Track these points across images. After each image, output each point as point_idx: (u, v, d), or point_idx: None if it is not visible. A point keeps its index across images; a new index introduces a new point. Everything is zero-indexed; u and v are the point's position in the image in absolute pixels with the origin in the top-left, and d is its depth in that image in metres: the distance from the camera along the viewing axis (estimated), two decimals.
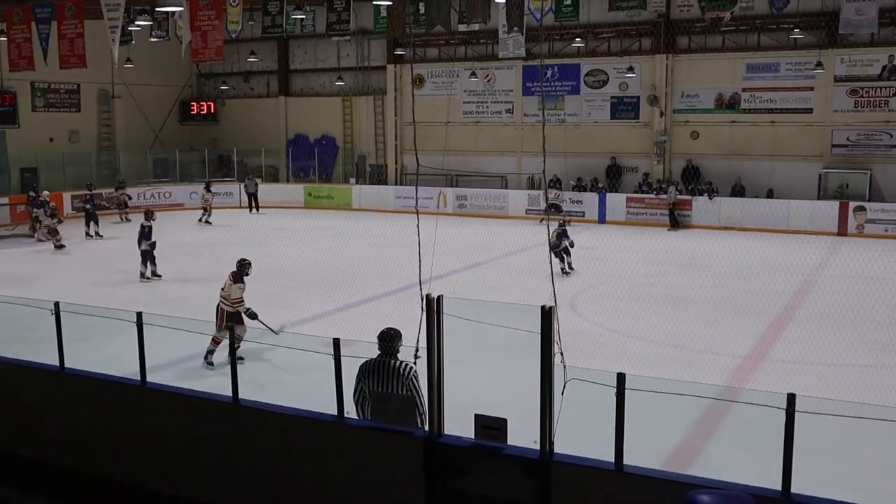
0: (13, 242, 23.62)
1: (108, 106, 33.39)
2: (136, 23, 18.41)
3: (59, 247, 21.96)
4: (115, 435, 7.96)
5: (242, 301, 11.47)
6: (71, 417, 8.29)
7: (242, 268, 11.72)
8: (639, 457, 5.65)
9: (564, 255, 17.71)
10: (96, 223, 24.31)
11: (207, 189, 27.88)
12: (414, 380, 6.50)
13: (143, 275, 17.88)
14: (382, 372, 6.61)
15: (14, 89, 29.43)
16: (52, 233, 22.21)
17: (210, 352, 10.61)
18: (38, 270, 19.28)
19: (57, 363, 8.26)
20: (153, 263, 17.89)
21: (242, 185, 31.38)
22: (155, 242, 17.62)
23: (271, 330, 10.87)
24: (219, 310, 11.39)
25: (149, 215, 18.17)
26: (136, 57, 28.32)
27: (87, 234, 24.22)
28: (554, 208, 24.73)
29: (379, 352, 6.72)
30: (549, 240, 7.05)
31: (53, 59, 14.59)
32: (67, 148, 31.47)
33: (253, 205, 30.33)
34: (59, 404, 8.40)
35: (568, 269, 17.82)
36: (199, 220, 27.22)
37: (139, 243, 17.89)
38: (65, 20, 14.51)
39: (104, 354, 9.30)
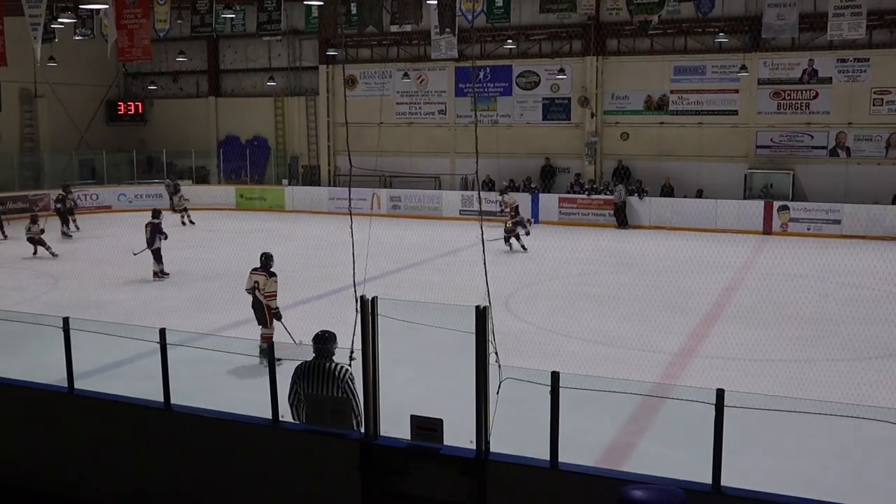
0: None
1: (30, 105, 32.46)
2: (60, 20, 17.96)
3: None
4: (42, 444, 7.74)
5: (275, 296, 11.61)
6: None
7: (269, 261, 11.87)
8: (574, 454, 5.72)
9: (519, 238, 19.85)
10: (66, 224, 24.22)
11: (176, 191, 27.42)
12: (350, 382, 6.48)
13: (156, 274, 17.90)
14: (318, 374, 6.56)
15: None
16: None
17: (262, 349, 10.42)
18: None
19: None
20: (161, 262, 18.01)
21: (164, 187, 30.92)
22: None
23: (291, 338, 10.84)
24: (255, 303, 11.52)
25: (156, 214, 18.32)
26: (59, 55, 27.59)
27: (64, 233, 24.09)
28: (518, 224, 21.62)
29: (314, 354, 6.67)
30: (505, 225, 7.03)
31: None
32: None
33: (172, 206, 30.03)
34: None
35: (524, 247, 19.90)
36: (183, 223, 26.34)
37: (151, 242, 17.81)
38: None
39: (29, 362, 9.05)
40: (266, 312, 11.55)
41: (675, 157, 26.87)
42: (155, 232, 17.93)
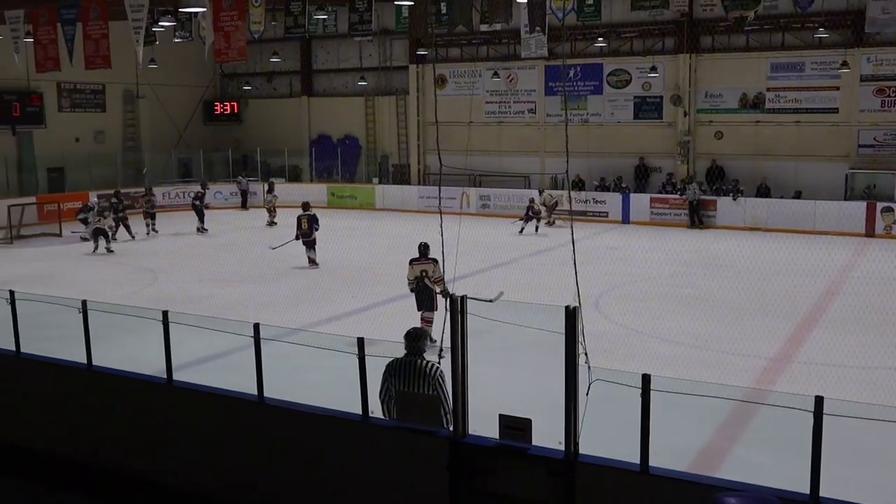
0: (42, 241, 23.84)
1: (132, 106, 33.66)
2: (160, 23, 18.49)
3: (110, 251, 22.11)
4: (142, 432, 8.02)
5: (443, 280, 12.04)
6: (98, 415, 8.37)
7: (427, 249, 12.44)
8: (664, 458, 5.62)
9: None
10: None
11: (270, 190, 27.57)
12: (440, 379, 6.48)
13: (312, 261, 19.25)
14: (409, 371, 6.60)
15: (41, 90, 29.79)
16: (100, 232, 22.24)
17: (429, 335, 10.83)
18: (65, 269, 19.46)
19: (84, 360, 8.34)
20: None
21: (236, 183, 31.77)
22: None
23: (486, 300, 11.11)
24: (422, 290, 12.15)
25: (308, 206, 19.96)
26: (160, 57, 28.52)
27: (199, 228, 25.17)
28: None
29: (405, 351, 6.71)
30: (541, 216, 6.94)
31: (79, 59, 14.68)
32: (93, 148, 31.75)
33: (245, 203, 30.85)
34: (87, 402, 8.48)
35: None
36: (268, 223, 26.64)
37: (310, 233, 19.28)
38: (90, 21, 14.61)
39: (130, 352, 9.37)
40: (434, 296, 12.14)
41: (772, 157, 26.12)
42: (312, 222, 19.29)
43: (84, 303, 8.35)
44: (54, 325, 9.19)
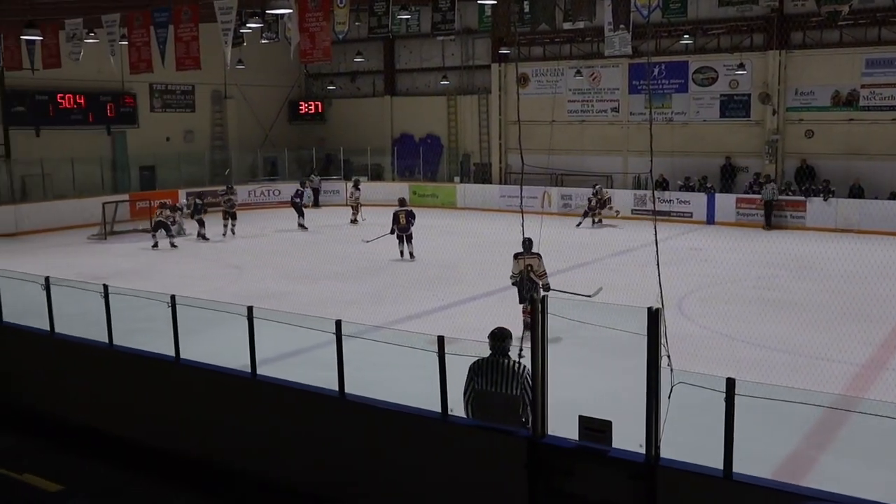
0: (133, 237, 24.59)
1: (220, 106, 34.48)
2: (248, 25, 18.90)
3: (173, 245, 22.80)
4: (225, 424, 8.21)
5: (546, 274, 12.61)
6: (184, 407, 8.60)
7: (531, 244, 12.48)
8: (748, 465, 5.49)
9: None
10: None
11: (356, 187, 27.87)
12: (528, 379, 6.44)
13: (411, 254, 19.97)
14: (496, 371, 6.55)
15: (134, 91, 30.77)
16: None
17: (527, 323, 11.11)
18: (154, 264, 20.06)
19: (172, 354, 8.58)
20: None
21: (308, 181, 31.88)
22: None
23: (583, 295, 11.89)
24: (526, 284, 12.33)
25: (404, 202, 21.12)
26: (247, 58, 29.13)
27: (301, 224, 25.78)
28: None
29: (490, 351, 6.68)
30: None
31: (170, 61, 15.09)
32: (183, 147, 32.65)
33: (313, 201, 31.10)
34: (174, 393, 8.73)
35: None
36: (352, 220, 27.00)
37: (407, 227, 20.01)
38: (181, 24, 15.00)
39: (216, 346, 9.60)
40: (537, 290, 12.33)
41: (866, 157, 25.24)
42: (410, 217, 20.02)
43: (173, 297, 8.59)
44: (144, 319, 9.48)
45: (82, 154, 28.75)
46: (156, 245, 22.44)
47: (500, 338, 6.65)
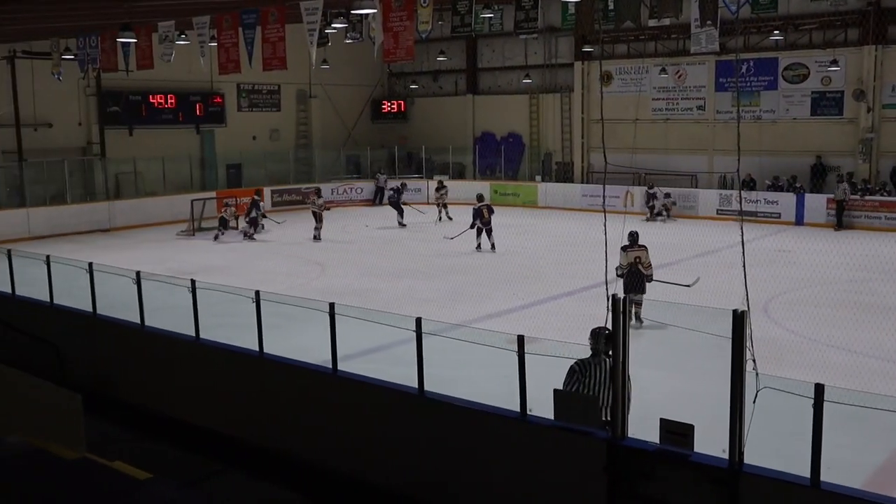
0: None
1: (305, 105, 35.05)
2: (333, 25, 19.12)
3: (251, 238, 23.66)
4: (306, 418, 8.34)
5: (651, 265, 13.47)
6: (267, 400, 8.78)
7: (638, 236, 13.63)
8: (836, 474, 5.33)
9: None
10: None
11: (439, 188, 27.90)
12: (629, 381, 6.34)
13: (493, 246, 20.69)
14: (601, 372, 6.47)
15: (222, 91, 31.53)
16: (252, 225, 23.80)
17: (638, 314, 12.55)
18: (239, 260, 20.51)
19: (256, 348, 8.76)
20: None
21: (374, 181, 32.13)
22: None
23: (684, 284, 13.08)
24: (634, 275, 13.23)
25: (481, 197, 21.75)
26: (331, 58, 29.51)
27: (400, 223, 26.00)
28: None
29: (591, 352, 6.59)
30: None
31: (257, 61, 15.39)
32: (268, 145, 33.31)
33: (377, 199, 31.24)
34: (258, 387, 8.91)
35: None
36: (438, 219, 26.91)
37: (489, 221, 20.73)
38: (268, 25, 15.26)
39: (298, 342, 9.76)
40: (643, 280, 13.27)
41: None
42: (491, 212, 20.78)
43: (257, 293, 8.77)
44: (229, 314, 9.70)
45: (172, 152, 29.62)
46: (217, 237, 23.77)
47: (604, 337, 6.49)
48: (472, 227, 20.76)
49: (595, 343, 6.56)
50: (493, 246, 20.59)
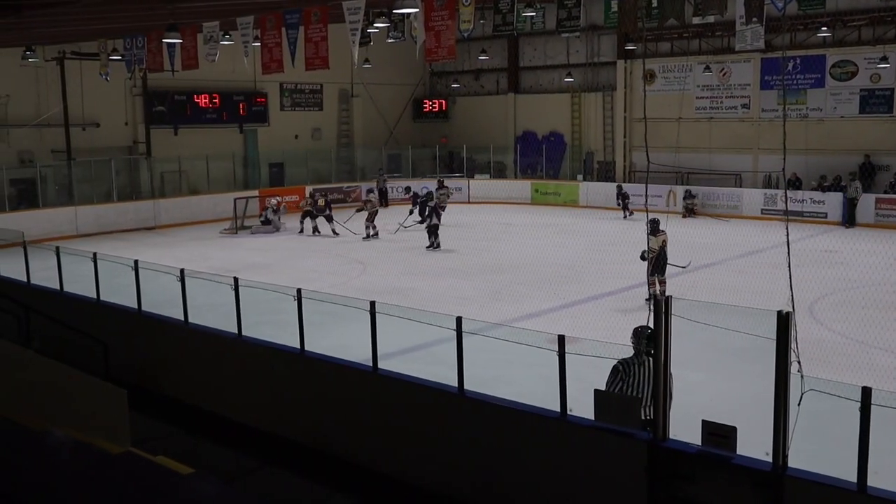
0: (262, 232, 25.40)
1: (347, 105, 35.23)
2: (375, 25, 19.20)
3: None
4: (346, 416, 8.38)
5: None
6: (307, 397, 8.83)
7: (658, 224, 14.41)
8: (884, 479, 5.23)
9: None
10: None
11: (441, 185, 27.50)
12: (671, 381, 6.31)
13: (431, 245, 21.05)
14: (644, 371, 6.44)
15: (265, 91, 31.82)
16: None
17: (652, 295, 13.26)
18: (281, 259, 20.67)
19: (298, 346, 8.82)
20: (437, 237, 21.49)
21: (375, 182, 31.11)
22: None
23: (678, 265, 14.99)
24: (661, 257, 14.07)
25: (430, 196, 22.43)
26: (373, 58, 29.63)
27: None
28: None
29: (633, 351, 6.56)
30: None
31: (300, 61, 15.50)
32: (310, 144, 33.54)
33: (384, 202, 30.27)
34: (298, 384, 8.98)
35: None
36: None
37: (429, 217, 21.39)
38: (311, 24, 15.36)
39: (339, 340, 9.81)
40: (665, 264, 14.15)
41: None
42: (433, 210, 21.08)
43: (299, 291, 8.83)
44: (271, 311, 9.78)
45: (216, 151, 29.96)
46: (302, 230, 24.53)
47: (646, 336, 6.46)
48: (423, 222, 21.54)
49: (637, 342, 6.52)
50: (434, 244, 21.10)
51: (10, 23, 15.04)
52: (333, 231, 24.35)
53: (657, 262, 14.01)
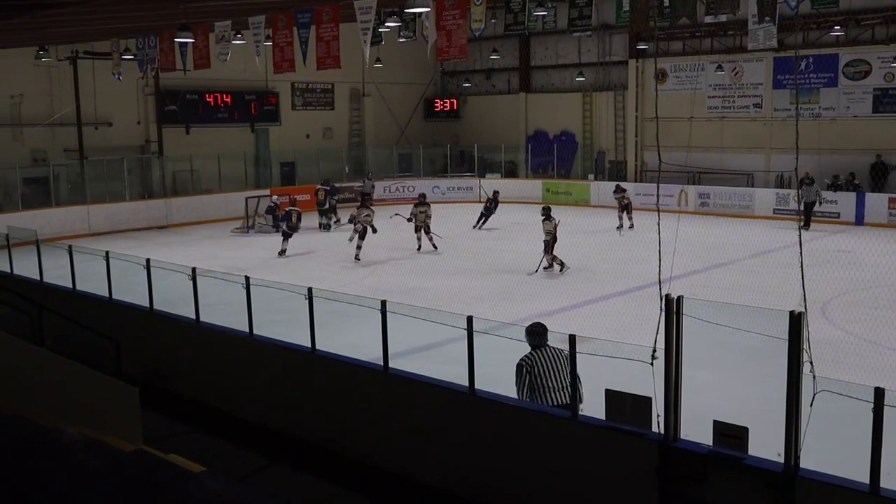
0: (273, 230, 25.45)
1: (358, 104, 35.28)
2: (386, 24, 19.21)
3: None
4: (357, 415, 8.39)
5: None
6: (318, 396, 8.85)
7: (549, 210, 17.88)
8: None
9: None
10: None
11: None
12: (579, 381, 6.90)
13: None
14: (545, 358, 6.98)
15: (277, 90, 31.89)
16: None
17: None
18: (293, 258, 20.69)
19: (309, 345, 8.83)
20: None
21: (359, 186, 30.27)
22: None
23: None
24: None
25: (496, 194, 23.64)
26: (384, 57, 29.66)
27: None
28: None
29: (532, 346, 7.10)
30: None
31: (311, 60, 15.52)
32: (321, 143, 33.60)
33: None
34: (310, 383, 8.99)
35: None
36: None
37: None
38: (322, 24, 15.37)
39: (349, 339, 9.83)
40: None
41: None
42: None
43: (310, 290, 8.84)
44: (282, 310, 9.80)
45: (227, 151, 30.06)
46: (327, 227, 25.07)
47: (536, 333, 7.18)
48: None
49: (532, 339, 7.13)
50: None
51: (23, 23, 15.11)
52: (320, 224, 25.26)
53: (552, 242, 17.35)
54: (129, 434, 7.42)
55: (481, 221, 25.21)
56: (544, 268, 17.96)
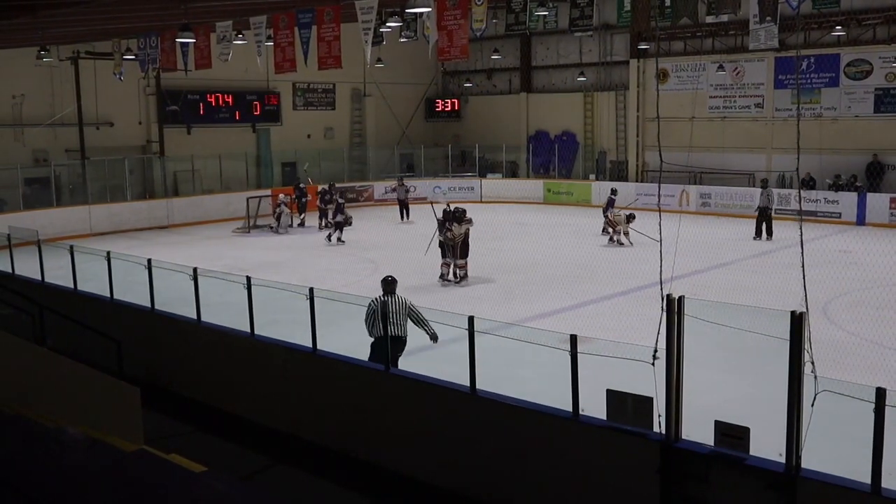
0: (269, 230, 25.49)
1: (359, 104, 35.28)
2: (387, 24, 19.21)
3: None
4: (359, 415, 8.39)
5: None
6: (319, 397, 8.85)
7: (465, 212, 16.78)
8: None
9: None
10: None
11: (400, 183, 27.33)
12: (412, 306, 9.34)
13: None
14: (394, 304, 9.04)
15: (278, 90, 31.90)
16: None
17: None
18: (293, 258, 20.71)
19: (310, 345, 8.83)
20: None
21: (393, 190, 29.68)
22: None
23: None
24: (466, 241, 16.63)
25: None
26: (386, 57, 29.65)
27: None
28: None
29: (385, 292, 9.20)
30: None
31: (313, 60, 15.52)
32: (323, 143, 33.61)
33: (404, 213, 27.96)
34: (310, 383, 8.99)
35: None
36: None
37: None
38: (323, 24, 15.39)
39: (351, 339, 9.82)
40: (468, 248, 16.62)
41: None
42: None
43: (311, 290, 8.84)
44: (284, 310, 9.80)
45: (229, 151, 30.07)
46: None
47: (387, 283, 9.60)
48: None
49: (386, 287, 9.53)
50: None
51: (24, 22, 15.13)
52: (303, 222, 25.81)
53: (462, 246, 16.72)
54: (131, 434, 7.41)
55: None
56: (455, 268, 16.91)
